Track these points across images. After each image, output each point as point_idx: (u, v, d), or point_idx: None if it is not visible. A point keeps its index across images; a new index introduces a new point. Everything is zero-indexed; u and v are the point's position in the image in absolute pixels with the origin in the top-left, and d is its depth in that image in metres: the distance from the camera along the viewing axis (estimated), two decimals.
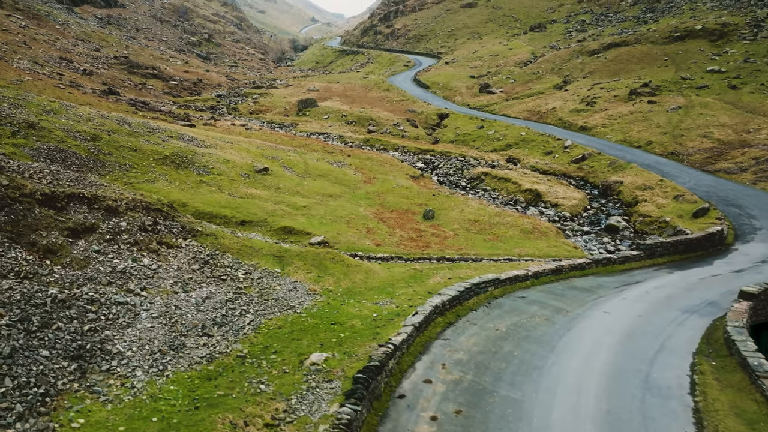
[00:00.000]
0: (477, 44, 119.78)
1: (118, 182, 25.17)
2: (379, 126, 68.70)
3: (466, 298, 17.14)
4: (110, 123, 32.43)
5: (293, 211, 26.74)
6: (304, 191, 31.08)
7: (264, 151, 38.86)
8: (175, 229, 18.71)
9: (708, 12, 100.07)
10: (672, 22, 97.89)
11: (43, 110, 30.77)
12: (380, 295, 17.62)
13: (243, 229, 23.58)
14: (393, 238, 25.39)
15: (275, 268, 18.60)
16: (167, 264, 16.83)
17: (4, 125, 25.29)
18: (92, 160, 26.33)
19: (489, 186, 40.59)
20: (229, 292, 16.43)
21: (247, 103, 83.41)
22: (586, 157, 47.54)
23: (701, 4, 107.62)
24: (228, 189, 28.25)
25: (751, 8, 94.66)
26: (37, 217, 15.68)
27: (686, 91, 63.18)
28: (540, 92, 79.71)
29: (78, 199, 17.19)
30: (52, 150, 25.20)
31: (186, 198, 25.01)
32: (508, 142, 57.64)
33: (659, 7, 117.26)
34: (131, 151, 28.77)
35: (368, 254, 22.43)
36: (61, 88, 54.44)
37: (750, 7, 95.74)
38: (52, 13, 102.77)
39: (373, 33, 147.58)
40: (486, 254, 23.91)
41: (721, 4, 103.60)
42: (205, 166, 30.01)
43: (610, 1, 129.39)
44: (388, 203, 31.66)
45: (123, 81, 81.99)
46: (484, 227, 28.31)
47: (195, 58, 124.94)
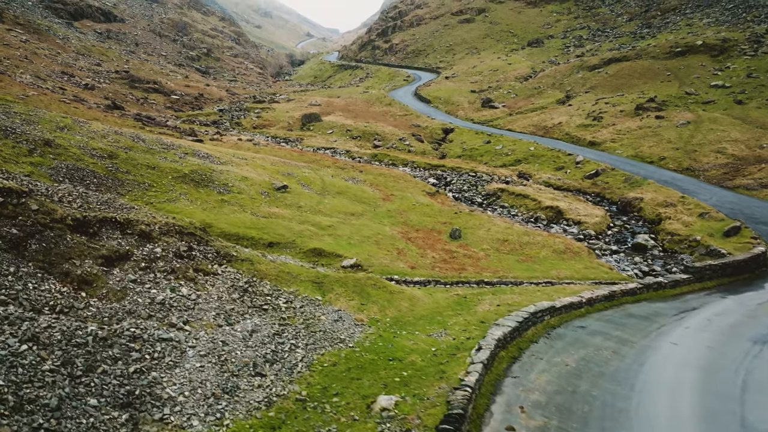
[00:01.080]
0: (476, 59, 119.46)
1: (139, 201, 23.93)
2: (384, 141, 67.73)
3: (524, 329, 15.99)
4: (125, 140, 31.18)
5: (319, 231, 25.53)
6: (326, 210, 29.89)
7: (279, 167, 37.68)
8: (209, 254, 17.47)
9: (705, 28, 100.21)
10: (670, 37, 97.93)
11: (57, 126, 29.51)
12: (431, 325, 16.42)
13: (271, 251, 22.35)
14: (425, 259, 24.21)
15: (316, 295, 17.38)
16: (206, 293, 15.58)
17: (21, 143, 24.02)
18: (110, 179, 25.08)
19: (507, 202, 39.53)
20: (274, 323, 15.18)
21: (250, 117, 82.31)
22: (600, 172, 46.65)
23: (698, 20, 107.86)
24: (250, 208, 27.03)
25: (748, 24, 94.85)
26: (69, 245, 14.41)
27: (692, 107, 62.64)
28: (543, 107, 79.10)
29: (110, 224, 15.93)
30: (70, 169, 23.94)
31: (210, 218, 23.77)
32: (517, 157, 56.76)
33: (655, 23, 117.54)
34: (149, 169, 27.54)
35: (404, 278, 21.23)
36: (66, 102, 53.12)
37: (747, 23, 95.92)
38: (53, 27, 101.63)
39: (371, 48, 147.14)
40: (524, 277, 22.78)
41: (717, 20, 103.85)
42: (224, 185, 28.79)
43: (606, 17, 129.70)
44: (411, 222, 30.52)
45: (125, 95, 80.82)
46: (515, 247, 27.18)
47: (194, 72, 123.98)
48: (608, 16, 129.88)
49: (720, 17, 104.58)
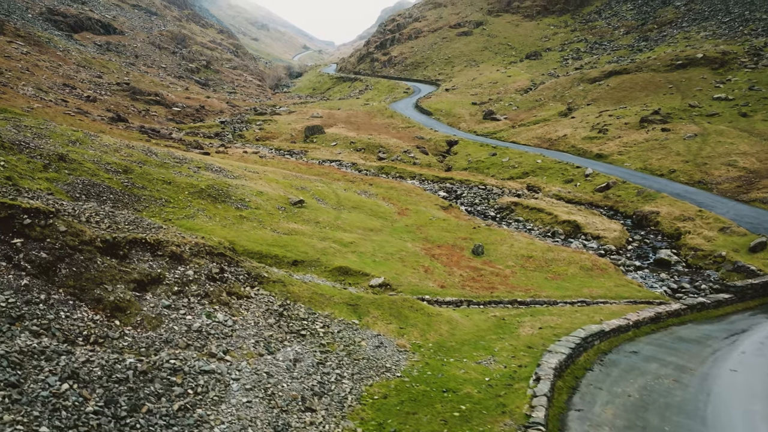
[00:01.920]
0: (475, 71, 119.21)
1: (156, 218, 22.97)
2: (389, 153, 67.00)
3: (577, 355, 15.11)
4: (138, 154, 30.25)
5: (342, 248, 24.62)
6: (345, 225, 29.00)
7: (291, 181, 36.79)
8: (241, 276, 16.54)
9: (702, 41, 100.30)
10: (668, 50, 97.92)
11: (69, 140, 28.56)
12: (477, 351, 15.51)
13: (297, 269, 21.43)
14: (453, 278, 23.32)
15: (352, 318, 16.46)
16: (242, 319, 14.63)
17: (35, 158, 23.06)
18: (127, 195, 24.12)
19: (521, 216, 38.74)
20: (315, 351, 14.24)
21: (253, 129, 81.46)
22: (611, 185, 45.98)
23: (695, 33, 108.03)
24: (269, 224, 26.10)
25: (745, 37, 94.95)
26: (100, 269, 13.45)
27: (697, 119, 62.26)
28: (546, 119, 78.63)
29: (140, 245, 14.99)
30: (86, 184, 22.99)
31: (232, 236, 22.81)
32: (524, 169, 56.09)
33: (652, 36, 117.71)
34: (165, 184, 26.59)
35: (436, 298, 20.33)
36: (70, 115, 52.13)
37: (744, 36, 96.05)
38: (53, 39, 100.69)
39: (369, 60, 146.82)
40: (557, 296, 21.91)
41: (714, 33, 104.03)
42: (241, 200, 27.86)
43: (603, 31, 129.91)
44: (431, 237, 29.64)
45: (126, 107, 79.90)
46: (541, 264, 26.34)
47: (194, 84, 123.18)
48: (605, 29, 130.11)
49: (717, 30, 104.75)
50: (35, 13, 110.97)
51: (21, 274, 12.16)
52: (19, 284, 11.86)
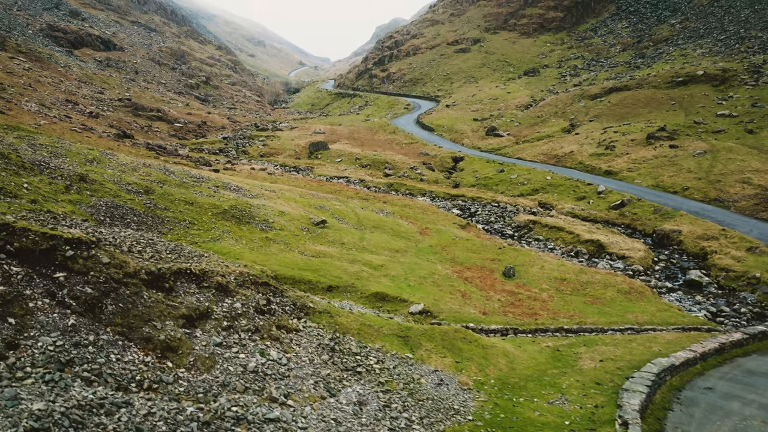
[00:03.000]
0: (474, 88, 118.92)
1: (183, 241, 21.79)
2: (395, 169, 66.05)
3: (653, 393, 14.02)
4: (156, 173, 29.08)
5: (373, 271, 23.49)
6: (370, 246, 27.88)
7: (309, 200, 35.69)
8: (287, 307, 15.38)
9: (700, 58, 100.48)
10: (666, 67, 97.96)
11: (86, 159, 27.37)
12: (544, 388, 14.39)
13: (332, 296, 20.28)
14: (492, 303, 22.21)
15: (405, 352, 15.32)
16: (296, 356, 13.46)
17: (56, 179, 21.86)
18: (150, 217, 22.93)
19: (541, 235, 37.76)
20: (377, 391, 13.06)
21: (256, 145, 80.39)
22: (626, 203, 45.15)
23: (691, 50, 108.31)
24: (296, 246, 24.95)
25: (742, 54, 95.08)
26: (147, 304, 12.27)
27: (704, 136, 61.77)
28: (550, 135, 78.06)
29: (185, 276, 13.82)
30: (110, 206, 21.79)
31: (261, 260, 21.64)
32: (534, 186, 55.24)
33: (649, 53, 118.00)
34: (187, 205, 25.42)
35: (480, 326, 19.20)
36: (77, 132, 50.91)
37: (741, 53, 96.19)
38: (54, 55, 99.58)
39: (368, 76, 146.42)
40: (603, 323, 20.84)
41: (710, 51, 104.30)
42: (265, 221, 26.71)
43: (600, 48, 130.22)
44: (459, 259, 28.56)
45: (129, 123, 78.68)
46: (576, 287, 25.30)
47: (194, 100, 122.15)
48: (601, 46, 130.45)
49: (713, 48, 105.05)
50: (35, 29, 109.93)
51: (66, 313, 10.99)
52: (65, 324, 10.68)
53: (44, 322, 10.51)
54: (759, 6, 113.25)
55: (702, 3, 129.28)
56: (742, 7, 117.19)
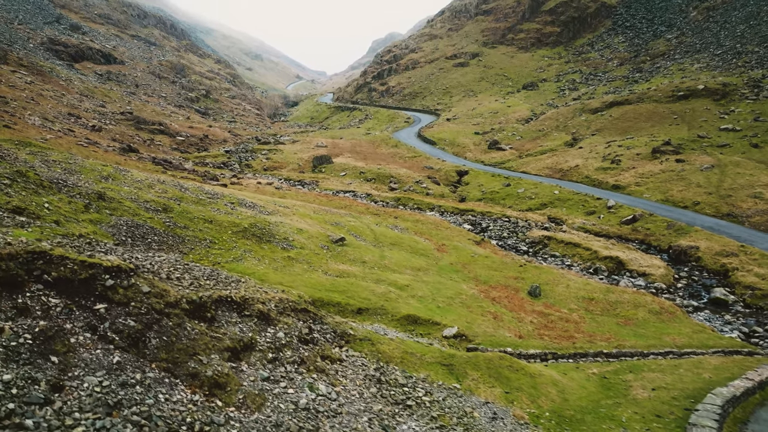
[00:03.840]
0: (474, 101, 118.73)
1: (205, 261, 20.95)
2: (400, 183, 65.37)
3: (721, 428, 13.23)
4: (172, 190, 28.24)
5: (400, 292, 22.65)
6: (392, 265, 27.05)
7: (323, 216, 34.88)
8: (328, 335, 14.53)
9: (698, 73, 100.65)
10: (665, 81, 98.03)
11: (100, 176, 26.51)
12: (602, 421, 13.55)
13: (362, 319, 19.44)
14: (525, 325, 21.40)
15: (451, 382, 14.48)
16: (344, 389, 12.59)
17: (75, 197, 20.99)
18: (171, 236, 22.06)
19: (557, 251, 37.03)
20: (431, 426, 12.21)
21: (260, 159, 79.59)
22: (638, 218, 44.54)
23: (688, 65, 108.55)
24: (318, 265, 24.11)
25: (740, 69, 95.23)
26: (191, 336, 11.41)
27: (709, 150, 61.44)
28: (553, 149, 77.64)
29: (226, 304, 12.96)
30: (130, 226, 20.93)
31: (287, 281, 20.80)
32: (542, 200, 54.59)
33: (646, 68, 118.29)
34: (207, 223, 24.57)
35: (518, 350, 18.37)
36: (83, 146, 50.01)
37: (739, 68, 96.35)
38: (55, 69, 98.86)
39: (367, 90, 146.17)
40: (642, 346, 20.05)
41: (708, 65, 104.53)
42: (285, 239, 25.87)
43: (597, 62, 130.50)
44: (481, 277, 27.77)
45: (132, 137, 77.89)
46: (606, 307, 24.53)
47: (195, 113, 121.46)
48: (598, 60, 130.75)
49: (710, 62, 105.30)
50: (36, 42, 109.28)
51: (109, 348, 10.11)
52: (110, 362, 9.80)
53: (88, 360, 9.63)
54: (754, 22, 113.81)
55: (697, 18, 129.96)
56: (737, 22, 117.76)
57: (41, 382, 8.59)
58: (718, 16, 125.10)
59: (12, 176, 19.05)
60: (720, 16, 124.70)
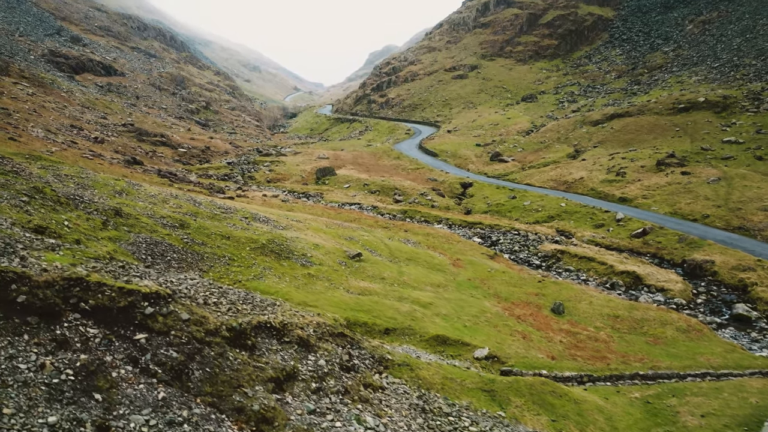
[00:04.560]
0: (473, 113, 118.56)
1: (225, 279, 20.22)
2: (405, 195, 64.77)
3: None
4: (187, 205, 27.53)
5: (424, 310, 21.96)
6: (411, 281, 26.36)
7: (336, 230, 34.20)
8: (367, 360, 13.82)
9: (696, 85, 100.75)
10: (664, 94, 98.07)
11: (114, 191, 25.77)
12: None
13: (390, 339, 18.72)
14: (554, 345, 20.71)
15: (495, 410, 13.76)
16: (390, 421, 11.87)
17: (92, 213, 20.25)
18: (189, 253, 21.33)
19: (571, 266, 36.40)
20: None
21: (262, 171, 78.88)
22: (648, 231, 44.00)
23: (686, 77, 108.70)
24: (339, 283, 23.39)
25: (738, 82, 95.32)
26: (234, 367, 10.69)
27: (713, 162, 61.16)
28: (555, 161, 77.27)
29: (265, 330, 12.24)
30: (149, 243, 20.20)
31: (310, 299, 20.07)
32: (549, 213, 54.04)
33: (644, 80, 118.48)
34: (224, 239, 23.85)
35: (553, 372, 17.68)
36: (89, 158, 49.24)
37: (737, 80, 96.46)
38: (56, 81, 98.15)
39: (366, 102, 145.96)
40: (677, 367, 19.39)
41: (706, 78, 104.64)
42: (303, 255, 25.16)
43: (595, 75, 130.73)
44: (501, 293, 27.10)
45: (134, 149, 77.09)
46: (632, 325, 23.87)
47: (195, 125, 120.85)
48: (596, 73, 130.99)
49: (708, 75, 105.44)
50: (37, 54, 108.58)
51: (153, 383, 9.39)
52: (155, 398, 9.07)
53: (132, 397, 8.91)
54: (750, 35, 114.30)
55: (693, 32, 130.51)
56: (733, 35, 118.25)
57: (87, 423, 7.88)
58: (714, 30, 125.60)
59: (30, 193, 18.34)
60: (716, 29, 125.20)
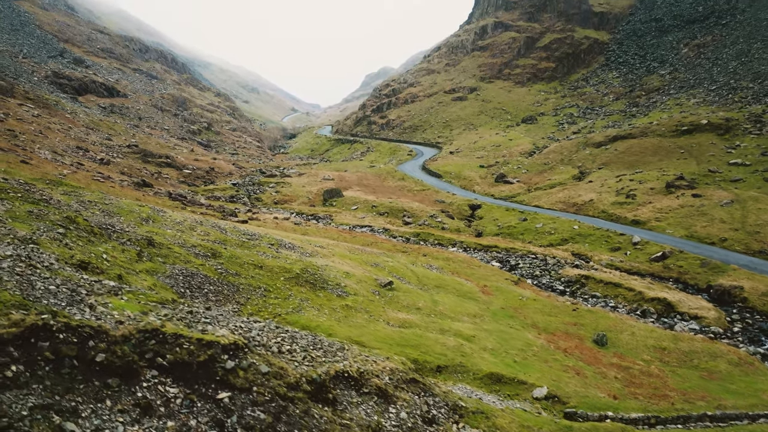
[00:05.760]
0: (474, 135, 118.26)
1: (264, 313, 19.04)
2: (414, 217, 63.74)
3: None
4: (214, 232, 26.37)
5: (470, 344, 20.79)
6: (447, 311, 25.21)
7: (360, 256, 33.06)
8: (443, 409, 12.62)
9: (695, 107, 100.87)
10: (664, 116, 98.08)
11: (140, 218, 24.59)
12: None
13: (443, 378, 17.56)
14: (610, 381, 19.56)
15: None
16: None
17: (125, 244, 19.06)
18: (225, 284, 20.14)
19: (597, 292, 35.35)
20: None
21: (269, 192, 77.76)
22: (668, 255, 43.09)
23: (685, 100, 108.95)
24: (378, 315, 22.22)
25: (737, 104, 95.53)
26: (321, 427, 9.49)
27: (723, 185, 60.61)
28: (562, 183, 76.62)
29: (343, 380, 11.07)
30: (186, 275, 19.02)
31: (356, 334, 18.90)
32: (562, 236, 53.09)
33: (642, 102, 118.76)
34: (257, 269, 22.66)
35: (619, 414, 16.52)
36: (100, 181, 48.02)
37: (735, 103, 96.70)
38: (60, 102, 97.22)
39: (366, 123, 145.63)
40: (743, 406, 18.25)
41: (705, 100, 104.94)
42: (337, 285, 23.99)
43: (593, 97, 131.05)
44: (539, 324, 25.97)
45: (139, 170, 75.91)
46: (681, 358, 22.76)
47: (197, 145, 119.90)
48: (594, 95, 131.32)
49: (707, 98, 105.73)
50: (41, 76, 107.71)
51: None
52: None
53: None
54: (745, 59, 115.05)
55: (689, 55, 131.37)
56: (728, 59, 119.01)
57: None
58: (709, 53, 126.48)
59: (64, 224, 17.18)
60: (711, 53, 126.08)
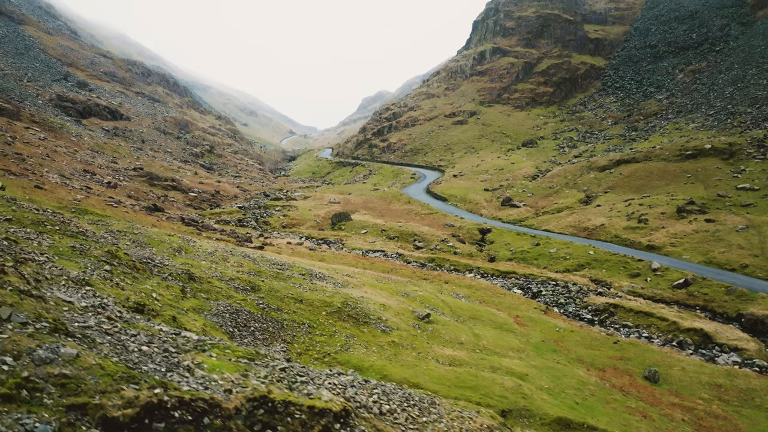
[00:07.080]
0: (476, 158, 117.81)
1: (312, 352, 17.79)
2: (426, 242, 62.58)
3: None
4: (246, 263, 25.11)
5: (526, 384, 19.50)
6: (490, 346, 23.95)
7: (388, 285, 31.80)
8: None
9: (695, 132, 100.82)
10: (665, 140, 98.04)
11: (172, 249, 23.32)
12: None
13: (511, 424, 16.22)
14: (678, 425, 18.28)
15: None
16: None
17: (167, 279, 17.80)
18: (269, 321, 18.85)
19: (628, 321, 34.17)
20: None
21: (276, 216, 76.48)
22: (690, 282, 42.05)
23: (684, 124, 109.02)
24: (424, 351, 20.93)
25: (735, 129, 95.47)
26: None
27: (734, 209, 59.94)
28: (569, 207, 75.80)
29: None
30: (231, 312, 17.76)
31: (410, 374, 17.64)
32: (578, 261, 52.03)
33: (640, 126, 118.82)
34: (298, 303, 21.39)
35: None
36: (112, 206, 46.72)
37: (735, 127, 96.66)
38: (65, 125, 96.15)
39: (367, 146, 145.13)
40: None
41: (704, 125, 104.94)
42: (379, 319, 22.72)
43: (592, 121, 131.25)
44: (584, 358, 24.73)
45: (146, 193, 74.70)
46: (741, 396, 21.56)
47: (201, 168, 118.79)
48: (593, 119, 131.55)
49: (705, 122, 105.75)
50: (45, 99, 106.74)
51: None
52: None
53: None
54: (741, 84, 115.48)
55: (685, 80, 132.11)
56: (724, 84, 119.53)
57: None
58: (705, 79, 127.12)
59: (108, 259, 15.92)
60: (707, 78, 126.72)
